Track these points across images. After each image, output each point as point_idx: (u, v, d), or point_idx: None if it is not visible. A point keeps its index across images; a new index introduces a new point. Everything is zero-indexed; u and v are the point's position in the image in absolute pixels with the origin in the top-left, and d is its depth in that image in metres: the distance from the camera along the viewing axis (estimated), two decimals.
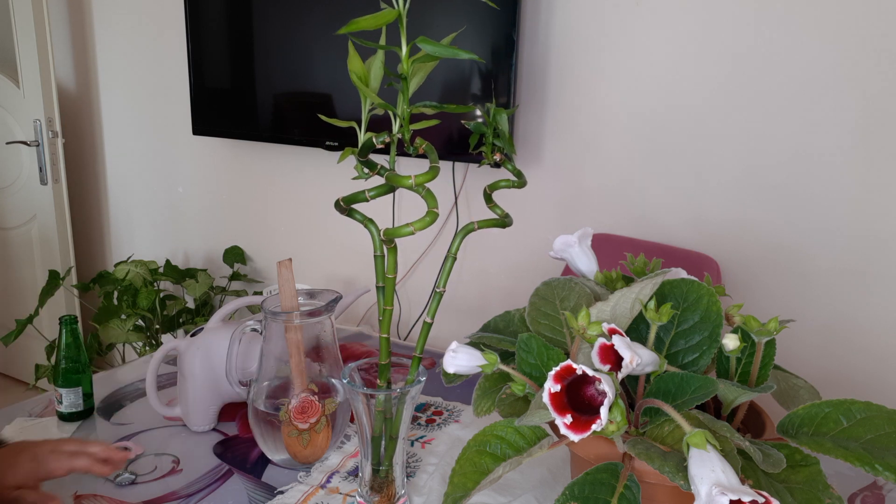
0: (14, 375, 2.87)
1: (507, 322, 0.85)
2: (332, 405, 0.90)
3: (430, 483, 0.89)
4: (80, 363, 1.02)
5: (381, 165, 0.72)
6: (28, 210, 2.61)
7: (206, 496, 0.85)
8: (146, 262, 2.27)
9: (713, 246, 1.54)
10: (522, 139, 1.77)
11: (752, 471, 0.61)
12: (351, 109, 1.88)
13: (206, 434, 1.00)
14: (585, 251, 0.84)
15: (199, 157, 2.39)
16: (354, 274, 2.14)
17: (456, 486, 0.67)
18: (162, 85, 2.41)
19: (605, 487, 0.62)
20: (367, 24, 0.62)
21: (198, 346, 0.98)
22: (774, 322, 0.67)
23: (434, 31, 1.69)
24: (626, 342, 0.62)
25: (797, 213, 1.46)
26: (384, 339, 0.77)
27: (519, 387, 0.70)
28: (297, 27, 1.91)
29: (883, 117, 1.34)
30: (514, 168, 0.79)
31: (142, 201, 2.61)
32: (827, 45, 1.37)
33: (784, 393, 0.73)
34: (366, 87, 0.69)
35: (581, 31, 1.63)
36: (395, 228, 0.68)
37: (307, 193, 2.17)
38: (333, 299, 0.92)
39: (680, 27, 1.52)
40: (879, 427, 0.61)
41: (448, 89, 1.71)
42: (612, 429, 0.60)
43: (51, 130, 2.46)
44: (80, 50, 2.61)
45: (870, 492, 0.88)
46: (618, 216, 1.67)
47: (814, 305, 1.47)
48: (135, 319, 2.14)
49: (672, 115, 1.56)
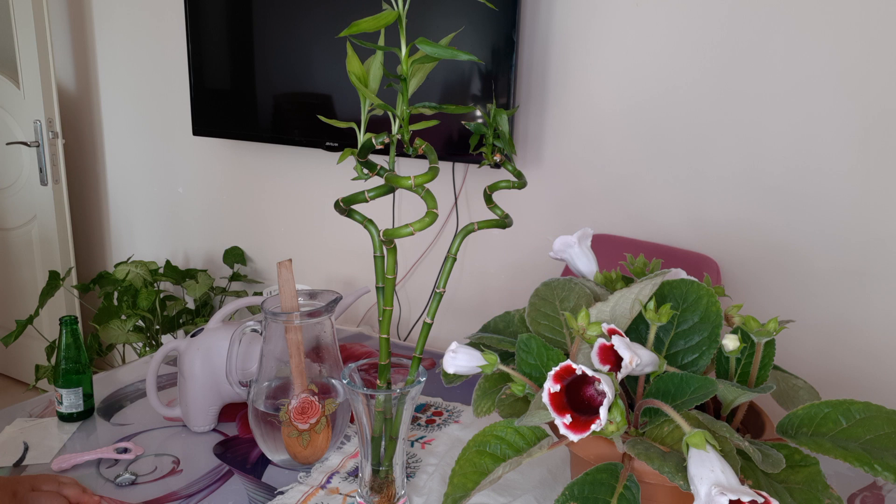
0: (14, 376, 2.87)
1: (506, 322, 0.85)
2: (332, 406, 0.90)
3: (430, 483, 0.89)
4: (80, 364, 1.02)
5: (381, 166, 0.72)
6: (28, 211, 2.61)
7: (207, 497, 0.85)
8: (146, 263, 2.27)
9: (713, 246, 1.54)
10: (522, 140, 1.77)
11: (751, 471, 0.61)
12: (350, 110, 1.89)
13: (207, 434, 1.00)
14: (585, 251, 0.84)
15: (200, 157, 2.39)
16: (354, 274, 2.14)
17: (456, 487, 0.67)
18: (162, 85, 2.41)
19: (604, 488, 0.62)
20: (368, 25, 0.62)
21: (198, 346, 0.98)
22: (774, 322, 0.67)
23: (434, 31, 1.69)
24: (626, 342, 0.63)
25: (797, 214, 1.46)
26: (384, 339, 0.77)
27: (519, 387, 0.70)
28: (296, 28, 1.91)
29: (883, 118, 1.34)
30: (514, 169, 0.79)
31: (142, 202, 2.61)
32: (828, 44, 1.37)
33: (783, 393, 0.73)
34: (365, 88, 0.69)
35: (581, 32, 1.63)
36: (395, 229, 0.68)
37: (307, 194, 2.17)
38: (333, 300, 0.92)
39: (680, 28, 1.52)
40: (879, 427, 0.61)
41: (448, 90, 1.71)
42: (612, 429, 0.60)
43: (51, 131, 2.46)
44: (80, 50, 2.61)
45: (869, 492, 0.88)
46: (618, 216, 1.67)
47: (813, 306, 1.47)
48: (135, 320, 2.14)
49: (672, 115, 1.56)
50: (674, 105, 1.55)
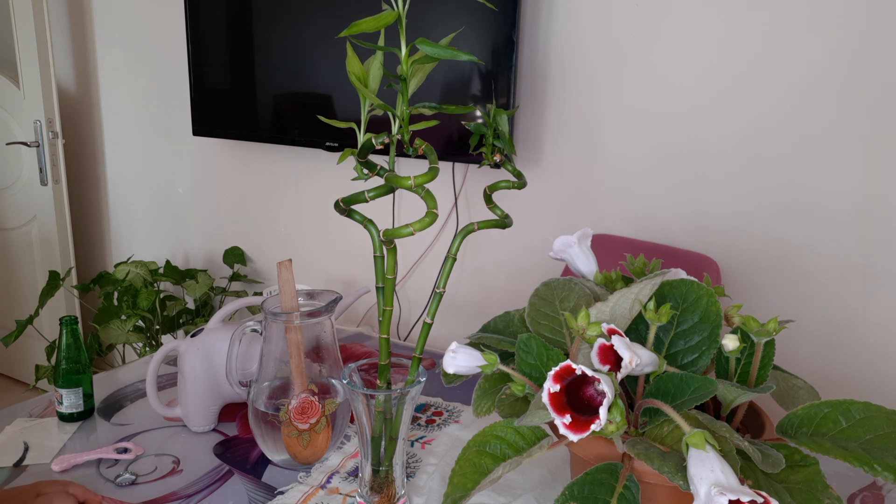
0: (14, 376, 2.87)
1: (506, 322, 0.85)
2: (332, 406, 0.90)
3: (430, 483, 0.89)
4: (80, 364, 1.02)
5: (381, 166, 0.72)
6: (28, 211, 2.61)
7: (207, 496, 0.85)
8: (146, 263, 2.27)
9: (713, 246, 1.54)
10: (522, 140, 1.77)
11: (751, 471, 0.61)
12: (350, 110, 1.89)
13: (207, 434, 1.00)
14: (585, 252, 0.84)
15: (200, 157, 2.39)
16: (354, 274, 2.14)
17: (456, 487, 0.67)
18: (162, 85, 2.41)
19: (604, 487, 0.62)
20: (368, 26, 0.62)
21: (198, 346, 0.98)
22: (774, 322, 0.67)
23: (434, 31, 1.69)
24: (626, 342, 0.63)
25: (797, 214, 1.46)
26: (384, 339, 0.77)
27: (518, 387, 0.70)
28: (296, 28, 1.91)
29: (884, 119, 1.34)
30: (514, 169, 0.79)
31: (142, 202, 2.61)
32: (829, 44, 1.37)
33: (783, 393, 0.73)
34: (365, 88, 0.69)
35: (581, 32, 1.63)
36: (395, 229, 0.68)
37: (307, 194, 2.17)
38: (333, 300, 0.92)
39: (680, 27, 1.52)
40: (878, 427, 0.61)
41: (448, 90, 1.71)
42: (612, 429, 0.60)
43: (51, 131, 2.46)
44: (80, 50, 2.61)
45: (869, 492, 0.88)
46: (618, 216, 1.67)
47: (813, 306, 1.47)
48: (135, 320, 2.14)
49: (672, 115, 1.56)
50: (674, 105, 1.55)
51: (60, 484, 0.78)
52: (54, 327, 2.58)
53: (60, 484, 0.78)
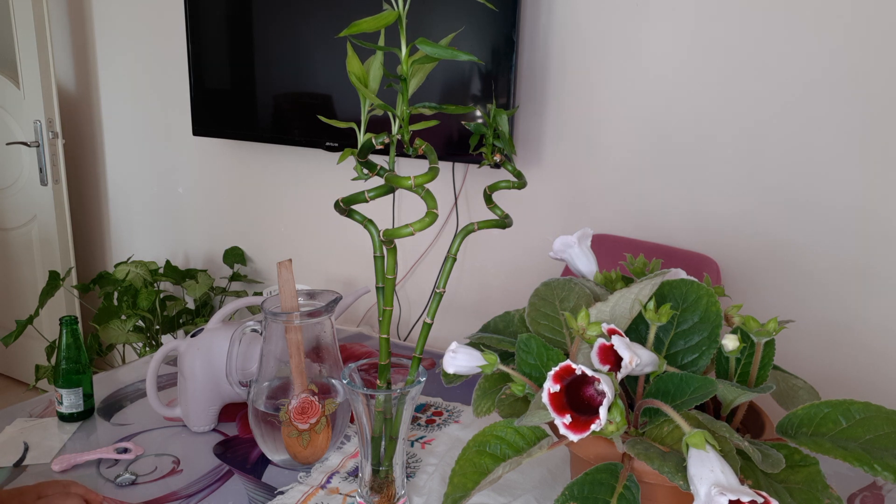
0: (14, 376, 2.87)
1: (506, 322, 0.85)
2: (332, 406, 0.90)
3: (430, 483, 0.89)
4: (80, 364, 1.02)
5: (381, 166, 0.72)
6: (28, 211, 2.61)
7: (207, 497, 0.85)
8: (146, 263, 2.27)
9: (713, 246, 1.54)
10: (522, 140, 1.77)
11: (751, 471, 0.61)
12: (350, 110, 1.89)
13: (207, 434, 1.00)
14: (585, 252, 0.84)
15: (199, 157, 2.39)
16: (354, 274, 2.14)
17: (456, 487, 0.67)
18: (162, 85, 2.41)
19: (604, 487, 0.62)
20: (368, 26, 0.62)
21: (198, 346, 0.98)
22: (774, 322, 0.67)
23: (434, 31, 1.69)
24: (626, 342, 0.63)
25: (797, 214, 1.46)
26: (384, 339, 0.77)
27: (518, 387, 0.70)
28: (296, 28, 1.91)
29: (884, 118, 1.34)
30: (514, 169, 0.79)
31: (142, 202, 2.61)
32: (829, 44, 1.37)
33: (783, 393, 0.73)
34: (365, 88, 0.69)
35: (581, 32, 1.63)
36: (395, 229, 0.68)
37: (307, 194, 2.17)
38: (333, 300, 0.92)
39: (680, 27, 1.52)
40: (878, 427, 0.61)
41: (448, 90, 1.71)
42: (612, 429, 0.60)
43: (51, 131, 2.46)
44: (80, 50, 2.61)
45: (869, 492, 0.88)
46: (618, 216, 1.67)
47: (813, 306, 1.47)
48: (135, 320, 2.14)
49: (672, 115, 1.56)
50: (674, 104, 1.55)
51: (62, 485, 0.78)
52: (54, 327, 2.58)
53: (62, 485, 0.78)
